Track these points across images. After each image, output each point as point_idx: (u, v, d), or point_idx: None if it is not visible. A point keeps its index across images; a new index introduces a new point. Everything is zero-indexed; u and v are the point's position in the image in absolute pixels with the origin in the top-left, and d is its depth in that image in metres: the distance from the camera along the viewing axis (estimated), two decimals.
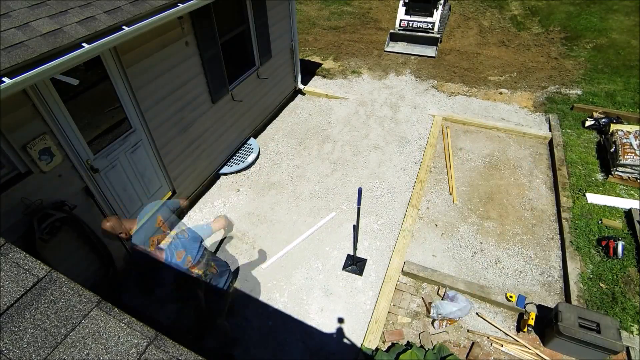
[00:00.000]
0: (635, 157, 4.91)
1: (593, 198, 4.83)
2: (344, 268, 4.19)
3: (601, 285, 3.91)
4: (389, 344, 3.53)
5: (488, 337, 3.57)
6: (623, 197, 4.87)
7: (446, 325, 3.66)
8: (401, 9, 8.83)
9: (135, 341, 1.14)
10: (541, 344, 3.52)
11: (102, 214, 3.72)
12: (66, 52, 2.60)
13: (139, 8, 3.19)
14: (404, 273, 4.10)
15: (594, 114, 6.23)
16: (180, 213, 4.86)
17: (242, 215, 4.88)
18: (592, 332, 3.17)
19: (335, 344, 3.59)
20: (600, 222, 4.45)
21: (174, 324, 3.70)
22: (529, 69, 7.93)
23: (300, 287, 4.06)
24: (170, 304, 3.78)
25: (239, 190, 5.25)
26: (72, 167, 3.29)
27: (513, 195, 5.02)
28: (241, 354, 3.53)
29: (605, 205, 4.73)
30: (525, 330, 3.54)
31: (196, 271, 2.91)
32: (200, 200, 5.10)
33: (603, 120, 5.98)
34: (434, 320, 3.68)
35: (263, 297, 3.97)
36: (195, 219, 4.86)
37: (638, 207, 4.65)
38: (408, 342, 3.55)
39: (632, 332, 3.54)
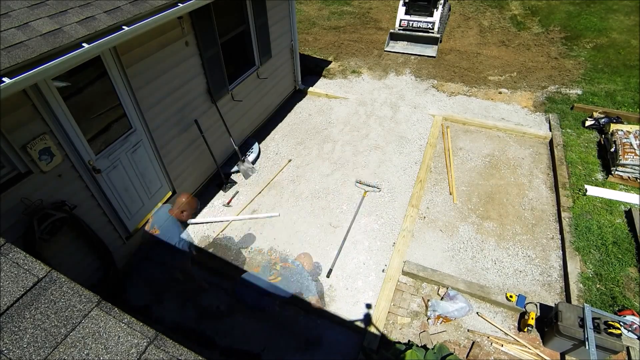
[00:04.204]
0: (635, 157, 4.91)
1: (593, 191, 4.85)
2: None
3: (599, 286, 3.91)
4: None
5: (488, 337, 3.57)
6: None
7: (441, 323, 3.67)
8: (401, 9, 8.83)
9: (135, 341, 1.14)
10: (541, 344, 3.53)
11: (104, 214, 3.73)
12: (66, 52, 2.60)
13: (139, 8, 3.19)
14: (404, 273, 4.10)
15: (594, 113, 6.23)
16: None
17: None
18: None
19: (335, 343, 3.59)
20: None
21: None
22: (529, 68, 7.92)
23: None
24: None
25: (238, 192, 5.25)
26: (72, 167, 3.29)
27: (513, 195, 5.02)
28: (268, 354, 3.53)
29: (604, 204, 4.73)
30: (526, 330, 3.54)
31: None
32: (200, 200, 5.09)
33: (603, 120, 5.98)
34: (428, 317, 3.70)
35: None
36: (194, 219, 4.86)
37: (638, 203, 4.66)
38: (409, 341, 3.55)
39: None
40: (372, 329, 3.63)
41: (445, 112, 6.65)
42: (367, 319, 3.76)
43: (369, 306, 3.86)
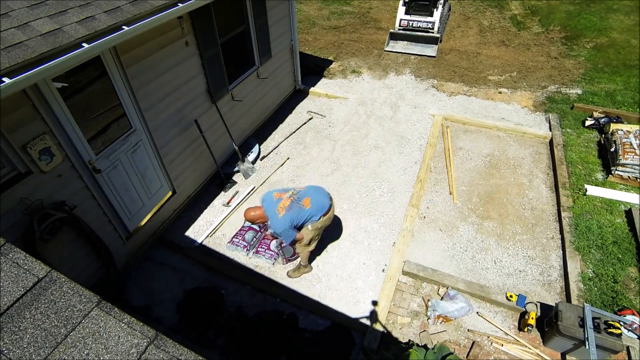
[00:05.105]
0: (635, 157, 4.91)
1: (593, 190, 4.86)
2: None
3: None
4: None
5: (488, 337, 3.57)
6: None
7: (441, 323, 3.67)
8: (401, 9, 8.82)
9: (136, 341, 1.14)
10: (541, 344, 3.53)
11: (104, 213, 3.73)
12: (66, 52, 2.60)
13: (139, 8, 3.19)
14: (404, 273, 4.10)
15: (594, 113, 6.23)
16: (180, 213, 4.87)
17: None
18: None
19: (335, 343, 3.59)
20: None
21: None
22: (529, 68, 7.92)
23: (299, 286, 4.06)
24: None
25: (238, 192, 5.25)
26: (72, 167, 3.28)
27: (513, 195, 5.02)
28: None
29: (604, 204, 4.73)
30: (526, 330, 3.54)
31: None
32: (200, 200, 5.10)
33: (603, 119, 5.97)
34: (428, 317, 3.71)
35: (260, 295, 3.98)
36: (194, 219, 4.86)
37: (638, 203, 4.67)
38: (409, 341, 3.55)
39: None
40: (372, 329, 3.63)
41: (445, 112, 6.65)
42: (367, 318, 3.76)
43: (369, 306, 3.86)
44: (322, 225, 3.60)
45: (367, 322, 3.72)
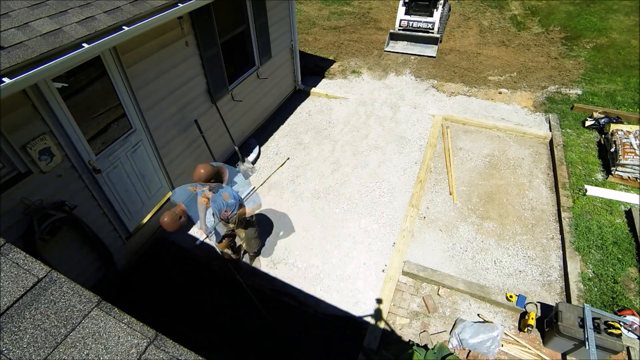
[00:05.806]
0: (635, 157, 4.91)
1: (593, 191, 4.87)
2: None
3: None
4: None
5: None
6: None
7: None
8: (401, 9, 8.83)
9: (135, 341, 1.14)
10: (541, 344, 3.52)
11: (104, 214, 3.73)
12: (66, 52, 2.60)
13: (139, 8, 3.19)
14: (404, 273, 4.10)
15: (594, 113, 6.23)
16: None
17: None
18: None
19: (335, 343, 3.59)
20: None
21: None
22: (529, 68, 7.93)
23: (300, 287, 4.05)
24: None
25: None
26: (72, 167, 3.28)
27: (513, 195, 5.01)
28: None
29: (604, 204, 4.72)
30: (526, 330, 3.54)
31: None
32: None
33: (603, 120, 5.98)
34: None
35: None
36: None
37: (637, 203, 4.67)
38: (409, 341, 3.55)
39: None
40: (372, 329, 3.62)
41: (445, 112, 6.65)
42: (367, 318, 3.75)
43: (369, 306, 3.86)
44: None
45: (368, 322, 3.72)
